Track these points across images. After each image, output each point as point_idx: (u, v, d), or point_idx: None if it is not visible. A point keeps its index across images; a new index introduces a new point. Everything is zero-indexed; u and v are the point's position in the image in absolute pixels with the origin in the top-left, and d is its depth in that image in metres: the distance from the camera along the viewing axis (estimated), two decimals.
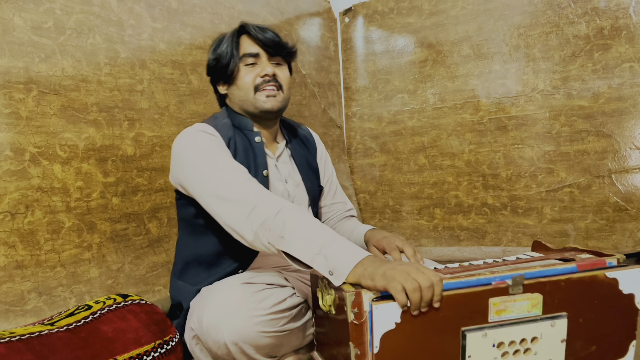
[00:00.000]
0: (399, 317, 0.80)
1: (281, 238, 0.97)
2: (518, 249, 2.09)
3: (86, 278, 1.36)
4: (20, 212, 1.22)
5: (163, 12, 1.62)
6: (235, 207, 1.04)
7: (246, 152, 1.23)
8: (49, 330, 0.99)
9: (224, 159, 1.13)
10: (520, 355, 0.86)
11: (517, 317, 0.85)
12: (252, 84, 1.23)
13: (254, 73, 1.24)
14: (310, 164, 1.42)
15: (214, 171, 1.11)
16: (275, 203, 1.02)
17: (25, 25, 1.24)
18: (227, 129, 1.23)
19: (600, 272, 0.88)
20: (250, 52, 1.24)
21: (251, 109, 1.25)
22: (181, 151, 1.19)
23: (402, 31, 2.38)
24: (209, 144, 1.16)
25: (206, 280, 1.22)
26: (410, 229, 2.39)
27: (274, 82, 1.24)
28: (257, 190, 1.06)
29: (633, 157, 1.84)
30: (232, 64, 1.24)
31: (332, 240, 0.94)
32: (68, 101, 1.33)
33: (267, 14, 2.10)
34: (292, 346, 1.16)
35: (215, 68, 1.28)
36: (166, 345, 1.12)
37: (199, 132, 1.19)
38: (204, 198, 1.11)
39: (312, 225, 0.98)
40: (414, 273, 0.81)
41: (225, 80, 1.28)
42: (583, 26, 1.91)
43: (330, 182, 1.50)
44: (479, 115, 2.17)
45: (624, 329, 0.91)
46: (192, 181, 1.14)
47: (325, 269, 0.90)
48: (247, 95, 1.24)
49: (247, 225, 1.02)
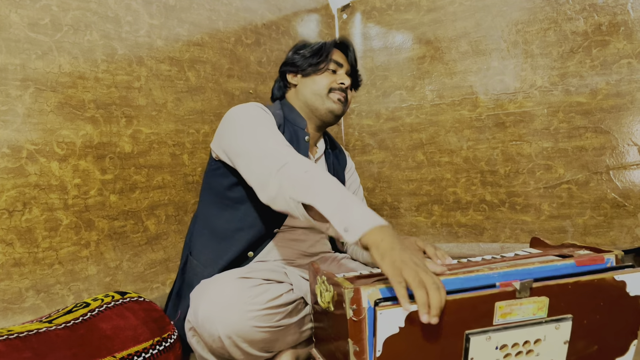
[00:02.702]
0: (403, 321, 0.79)
1: (307, 189, 0.97)
2: (516, 245, 2.09)
3: (84, 275, 1.35)
4: (17, 210, 1.21)
5: (160, 8, 1.61)
6: (268, 160, 1.08)
7: (291, 144, 1.26)
8: (47, 328, 0.99)
9: (272, 129, 1.20)
10: (523, 356, 0.85)
11: (521, 319, 0.84)
12: (329, 85, 1.39)
13: (332, 78, 1.40)
14: (339, 175, 1.53)
15: (259, 135, 1.17)
16: (308, 164, 1.05)
17: (22, 21, 1.24)
18: (279, 118, 1.33)
19: (609, 275, 0.87)
20: (338, 61, 1.43)
21: (318, 104, 1.38)
22: (233, 118, 1.26)
23: (400, 27, 2.37)
24: (262, 116, 1.25)
25: (213, 259, 1.27)
26: (408, 225, 2.39)
27: (345, 92, 1.41)
28: (293, 152, 1.10)
29: (631, 153, 1.84)
30: (322, 63, 1.40)
31: (355, 202, 0.94)
32: (65, 98, 1.33)
33: (265, 11, 2.09)
34: (287, 342, 1.16)
35: (302, 59, 1.42)
36: (164, 343, 1.12)
37: (254, 106, 1.27)
38: (242, 158, 1.15)
39: (338, 186, 0.98)
40: (422, 273, 0.79)
41: (304, 73, 1.41)
42: (581, 22, 1.91)
43: (356, 195, 1.62)
44: (477, 112, 2.17)
45: (627, 329, 0.91)
46: (237, 144, 1.19)
47: (340, 224, 0.89)
48: (321, 91, 1.38)
49: (275, 179, 1.03)
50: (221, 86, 1.84)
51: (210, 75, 1.80)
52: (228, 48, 1.87)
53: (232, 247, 1.27)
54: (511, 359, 0.85)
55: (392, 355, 0.80)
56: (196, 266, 1.32)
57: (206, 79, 1.78)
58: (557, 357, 0.87)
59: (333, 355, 0.95)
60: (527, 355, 0.86)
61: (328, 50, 1.42)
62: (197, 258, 1.32)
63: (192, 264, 1.34)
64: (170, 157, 1.62)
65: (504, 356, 0.85)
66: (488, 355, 0.84)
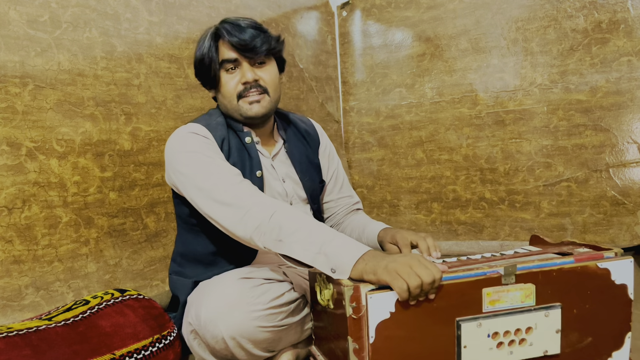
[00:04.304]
0: (394, 306, 0.81)
1: (279, 241, 0.97)
2: (516, 243, 2.09)
3: (84, 273, 1.35)
4: (17, 207, 1.21)
5: (159, 5, 1.61)
6: (228, 211, 1.03)
7: (240, 153, 1.21)
8: (47, 325, 0.99)
9: (215, 161, 1.11)
10: (516, 345, 0.87)
11: (510, 307, 0.86)
12: (235, 91, 1.18)
13: (235, 79, 1.18)
14: (311, 160, 1.38)
15: (205, 175, 1.09)
16: (269, 206, 1.01)
17: (21, 19, 1.23)
18: (221, 128, 1.20)
19: (592, 263, 0.89)
20: (228, 58, 1.17)
21: (236, 116, 1.21)
22: (172, 155, 1.16)
23: (400, 25, 2.37)
24: (199, 146, 1.13)
25: (204, 274, 1.22)
26: (408, 223, 2.39)
27: (257, 87, 1.17)
28: (251, 193, 1.05)
29: (630, 151, 1.84)
30: (213, 71, 1.18)
31: (331, 238, 0.94)
32: (64, 95, 1.32)
33: (264, 8, 2.09)
34: (290, 341, 1.16)
35: (199, 73, 1.23)
36: (164, 340, 1.12)
37: (189, 135, 1.16)
38: (197, 202, 1.10)
39: (309, 224, 0.98)
40: (417, 267, 0.81)
41: (211, 86, 1.23)
42: (581, 20, 1.91)
43: (336, 175, 1.46)
44: (476, 110, 2.17)
45: (619, 320, 0.92)
46: (185, 185, 1.12)
47: (327, 267, 0.90)
48: (231, 103, 1.19)
49: (241, 229, 1.02)
50: None
51: None
52: None
53: (217, 270, 1.21)
54: (504, 347, 0.86)
55: (385, 341, 0.81)
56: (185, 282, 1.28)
57: None
58: (550, 347, 0.88)
59: (333, 353, 0.95)
60: (520, 345, 0.87)
61: (212, 53, 1.17)
62: (185, 277, 1.26)
63: (181, 282, 1.27)
64: None
65: (497, 345, 0.86)
66: (480, 343, 0.85)
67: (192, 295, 1.19)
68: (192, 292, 1.20)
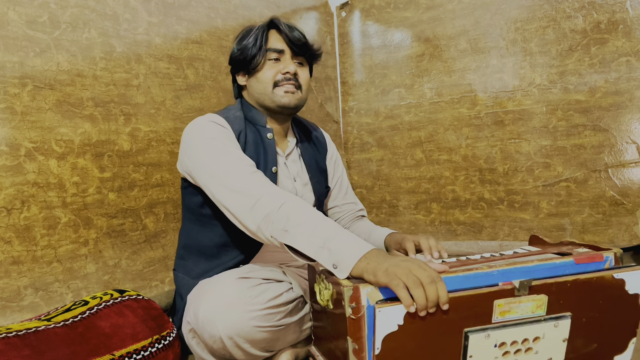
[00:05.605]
0: (402, 319, 0.79)
1: (285, 232, 0.97)
2: (515, 243, 2.10)
3: (83, 273, 1.35)
4: (16, 208, 1.21)
5: (159, 5, 1.61)
6: (239, 198, 1.05)
7: (256, 147, 1.24)
8: (46, 326, 0.98)
9: (231, 150, 1.14)
10: (522, 354, 0.86)
11: (520, 317, 0.84)
12: (273, 79, 1.25)
13: (276, 69, 1.25)
14: (319, 165, 1.43)
15: (220, 162, 1.12)
16: (280, 196, 1.02)
17: (20, 19, 1.23)
18: (239, 122, 1.25)
19: (608, 273, 0.87)
20: (275, 48, 1.26)
21: (268, 103, 1.27)
22: (190, 140, 1.20)
23: (399, 25, 2.37)
24: (217, 134, 1.17)
25: (205, 272, 1.22)
26: (407, 223, 2.39)
27: (294, 80, 1.26)
28: (262, 183, 1.07)
29: (629, 151, 1.85)
30: (257, 57, 1.25)
31: (336, 234, 0.94)
32: (63, 96, 1.32)
33: (263, 8, 2.09)
34: (288, 341, 1.16)
35: (239, 59, 1.28)
36: (163, 341, 1.12)
37: (209, 122, 1.20)
38: (210, 188, 1.11)
39: (316, 218, 0.98)
40: (416, 270, 0.81)
41: (247, 72, 1.29)
42: (580, 20, 1.91)
43: (341, 182, 1.52)
44: (475, 110, 2.17)
45: (626, 327, 0.91)
46: (199, 170, 1.15)
47: (329, 262, 0.90)
48: (266, 89, 1.25)
49: (250, 217, 1.03)
50: (220, 84, 1.84)
51: (209, 72, 1.80)
52: (227, 46, 1.87)
53: (221, 264, 1.23)
54: (510, 356, 0.85)
55: (391, 353, 0.80)
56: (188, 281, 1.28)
57: (205, 76, 1.78)
58: (555, 355, 0.87)
59: (332, 353, 0.95)
60: (525, 353, 0.86)
61: (261, 40, 1.25)
62: (188, 274, 1.28)
63: (185, 281, 1.29)
64: (168, 154, 1.62)
65: (502, 354, 0.85)
66: (487, 353, 0.84)
67: (192, 294, 1.19)
68: (192, 291, 1.20)
